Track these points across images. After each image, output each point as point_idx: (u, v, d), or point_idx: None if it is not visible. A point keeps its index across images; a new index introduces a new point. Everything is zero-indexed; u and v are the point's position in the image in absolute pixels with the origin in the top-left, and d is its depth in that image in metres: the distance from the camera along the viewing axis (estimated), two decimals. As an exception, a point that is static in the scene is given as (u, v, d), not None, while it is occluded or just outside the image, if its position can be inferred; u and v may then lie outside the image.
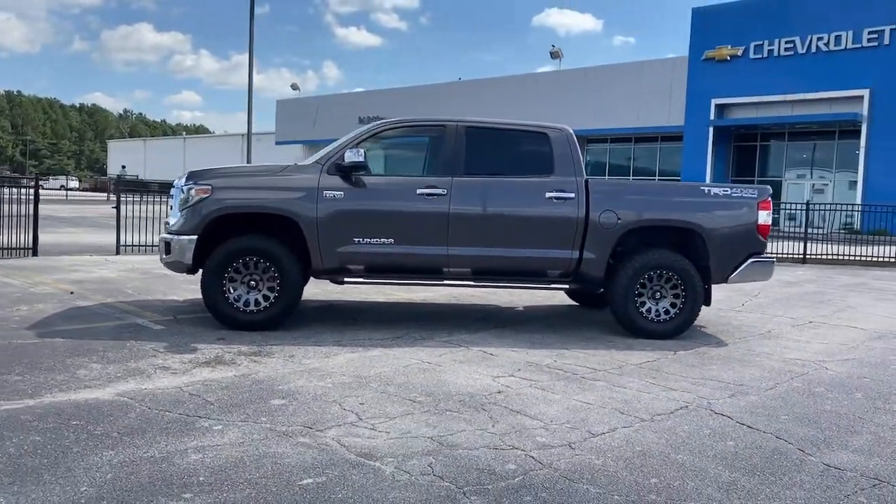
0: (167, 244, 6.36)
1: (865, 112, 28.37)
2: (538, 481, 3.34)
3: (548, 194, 6.61)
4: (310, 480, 3.25)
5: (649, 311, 6.74)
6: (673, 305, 6.75)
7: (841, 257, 16.44)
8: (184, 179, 6.47)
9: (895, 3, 27.60)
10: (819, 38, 29.41)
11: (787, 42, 30.27)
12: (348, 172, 6.38)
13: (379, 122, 6.81)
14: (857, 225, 20.48)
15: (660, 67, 35.91)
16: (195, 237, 6.27)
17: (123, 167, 76.68)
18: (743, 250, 6.84)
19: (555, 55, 41.56)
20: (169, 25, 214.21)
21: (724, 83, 31.92)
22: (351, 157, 6.25)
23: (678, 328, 6.76)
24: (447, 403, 4.48)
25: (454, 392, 4.74)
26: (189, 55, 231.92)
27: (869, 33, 28.19)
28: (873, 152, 28.50)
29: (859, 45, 28.46)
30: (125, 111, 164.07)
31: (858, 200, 26.82)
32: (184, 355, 5.39)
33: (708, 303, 6.90)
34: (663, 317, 6.75)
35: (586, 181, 6.70)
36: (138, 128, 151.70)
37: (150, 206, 12.92)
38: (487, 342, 6.27)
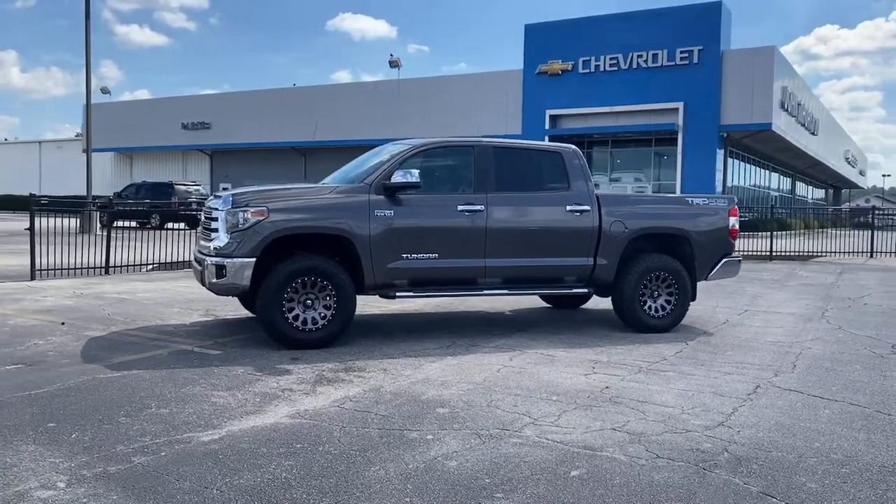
0: (220, 267, 6.28)
1: (680, 122, 32.04)
2: (741, 454, 4.01)
3: (568, 207, 7.32)
4: (576, 473, 3.70)
5: (650, 308, 7.67)
6: (668, 302, 7.73)
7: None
8: (226, 202, 6.42)
9: (702, 28, 31.43)
10: (639, 56, 32.74)
11: (611, 59, 33.36)
12: (395, 192, 6.68)
13: (417, 142, 7.15)
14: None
15: (496, 79, 37.96)
16: (253, 259, 6.27)
17: None
18: (719, 251, 7.98)
19: (394, 64, 42.43)
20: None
21: (556, 95, 34.50)
22: (400, 177, 6.56)
23: (673, 322, 7.76)
24: (581, 400, 5.03)
25: (570, 390, 5.29)
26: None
27: (681, 52, 31.86)
28: (688, 157, 32.27)
29: (674, 63, 32.08)
30: None
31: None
32: (285, 377, 5.46)
33: (694, 298, 7.96)
34: (661, 313, 7.71)
35: (597, 195, 7.50)
36: None
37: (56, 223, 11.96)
38: (532, 345, 6.84)
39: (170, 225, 24.77)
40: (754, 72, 31.08)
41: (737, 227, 8.11)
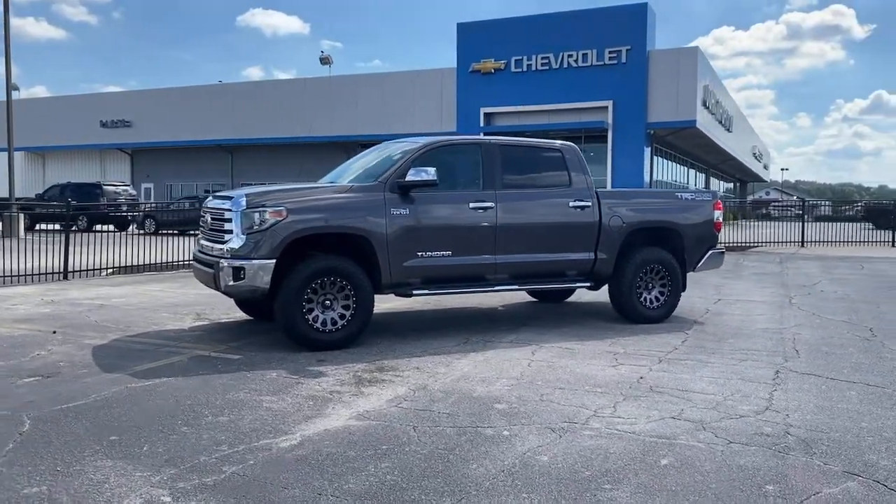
0: (238, 269, 6.12)
1: (610, 120, 32.91)
2: (803, 437, 4.22)
3: (571, 204, 7.47)
4: (666, 461, 3.82)
5: (645, 300, 7.91)
6: (661, 294, 7.99)
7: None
8: (239, 203, 6.26)
9: (629, 28, 32.37)
10: (569, 56, 33.42)
11: (542, 58, 33.92)
12: (408, 190, 6.66)
13: (428, 140, 7.13)
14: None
15: (430, 77, 37.98)
16: (273, 261, 6.14)
17: None
18: (706, 244, 8.30)
19: (325, 61, 41.88)
20: None
21: (490, 93, 34.82)
22: (416, 175, 6.55)
23: (667, 313, 8.03)
24: (625, 391, 5.16)
25: (609, 382, 5.42)
26: None
27: (610, 52, 32.72)
28: (617, 154, 33.18)
29: (603, 63, 32.89)
30: None
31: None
32: (323, 379, 5.39)
33: (684, 289, 8.25)
34: (655, 304, 7.96)
35: (597, 191, 7.68)
36: None
37: None
38: (544, 339, 6.94)
39: (98, 227, 23.83)
40: (679, 71, 32.23)
41: (720, 220, 8.46)
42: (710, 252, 8.35)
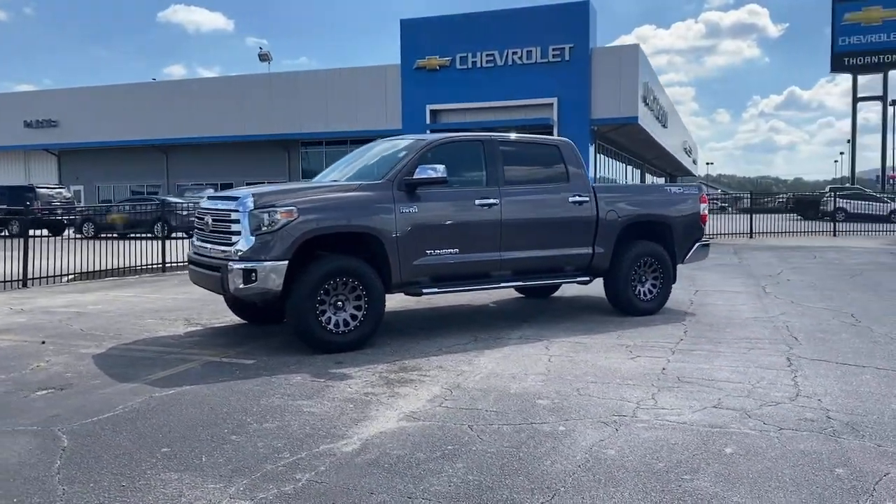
0: (248, 272, 5.93)
1: (555, 117, 33.35)
2: (845, 420, 4.36)
3: (570, 199, 7.53)
4: (730, 450, 3.88)
5: (639, 292, 8.04)
6: (654, 286, 8.14)
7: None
8: (244, 203, 6.08)
9: (572, 26, 32.87)
10: (514, 53, 33.74)
11: (487, 55, 34.14)
12: (415, 188, 6.59)
13: (432, 138, 7.07)
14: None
15: (374, 74, 37.76)
16: (285, 262, 5.98)
17: None
18: (693, 236, 8.49)
19: (264, 58, 41.06)
20: None
21: (436, 90, 34.82)
22: (425, 173, 6.48)
23: (660, 304, 8.18)
24: (655, 382, 5.23)
25: (635, 374, 5.48)
26: None
27: (553, 50, 33.16)
28: (562, 151, 33.66)
29: (547, 60, 33.33)
30: None
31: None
32: (351, 381, 5.28)
33: (674, 281, 8.41)
34: (649, 297, 8.11)
35: (593, 186, 7.76)
36: None
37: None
38: (552, 335, 6.96)
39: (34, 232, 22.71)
40: (621, 68, 32.92)
41: (706, 213, 8.67)
42: (696, 244, 8.54)
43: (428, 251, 6.65)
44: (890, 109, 55.56)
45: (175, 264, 13.11)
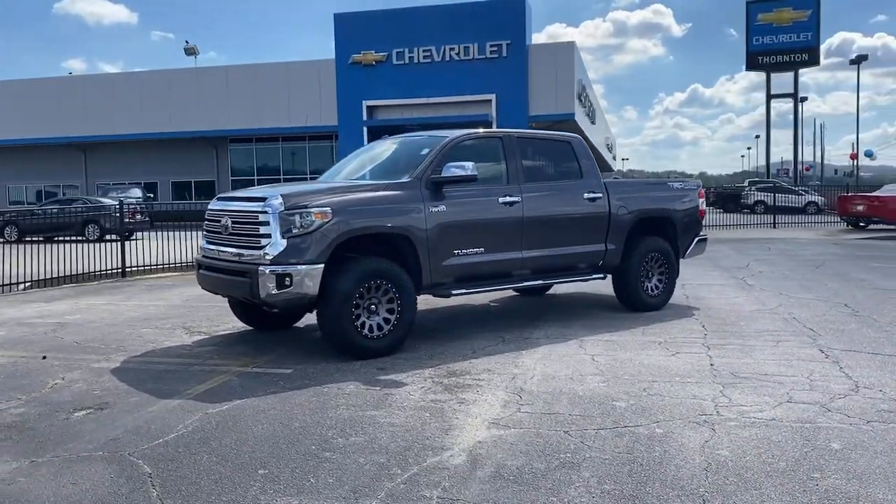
0: (283, 277, 5.61)
1: (494, 114, 33.44)
2: (918, 409, 4.48)
3: (585, 195, 7.48)
4: (836, 445, 3.89)
5: (647, 288, 8.09)
6: (660, 282, 8.20)
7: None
8: (274, 204, 5.75)
9: (508, 23, 33.02)
10: (451, 49, 33.60)
11: (424, 51, 33.88)
12: (442, 186, 6.40)
13: (455, 134, 6.87)
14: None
15: (308, 69, 36.97)
16: (321, 266, 5.69)
17: None
18: (693, 231, 8.60)
19: (190, 52, 39.55)
20: None
21: (372, 86, 34.29)
22: (454, 171, 6.30)
23: (665, 300, 8.25)
24: (714, 379, 5.22)
25: (689, 371, 5.46)
26: None
27: (491, 46, 33.23)
28: (501, 147, 33.83)
29: (484, 57, 33.35)
30: None
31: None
32: (407, 388, 5.07)
33: (677, 275, 8.49)
34: (655, 292, 8.16)
35: (604, 182, 7.75)
36: None
37: None
38: (577, 333, 6.88)
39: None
40: (557, 65, 33.30)
41: (704, 207, 8.79)
42: (696, 239, 8.65)
43: (455, 251, 6.48)
44: (793, 106, 58.32)
45: (136, 268, 12.42)
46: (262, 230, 5.80)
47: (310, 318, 7.53)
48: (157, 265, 12.72)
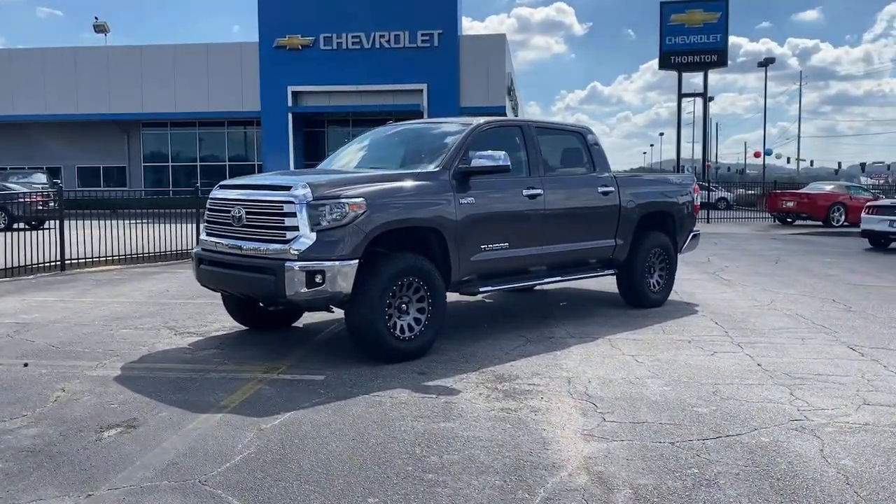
0: (313, 273, 5.08)
1: (425, 104, 33.01)
2: None
3: (599, 188, 7.24)
4: (948, 449, 3.78)
5: (650, 284, 7.95)
6: (661, 278, 8.08)
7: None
8: (302, 193, 5.20)
9: (440, 12, 32.62)
10: (382, 36, 32.91)
11: (353, 37, 33.03)
12: (469, 177, 6.01)
13: (479, 121, 6.46)
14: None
15: (228, 51, 35.39)
16: (356, 261, 5.20)
17: None
18: (690, 227, 8.52)
19: (100, 29, 37.05)
20: None
21: (298, 71, 33.17)
22: (484, 160, 5.91)
23: (667, 296, 8.15)
24: (772, 380, 5.07)
25: (741, 372, 5.29)
26: None
27: (422, 35, 32.75)
28: (431, 138, 33.46)
29: (416, 45, 32.83)
30: None
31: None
32: (464, 395, 4.69)
33: (675, 271, 8.39)
34: (657, 288, 8.03)
35: (614, 176, 7.54)
36: None
37: None
38: (597, 332, 6.62)
39: None
40: (489, 57, 33.17)
41: (698, 203, 8.73)
42: (691, 235, 8.58)
43: (483, 246, 6.10)
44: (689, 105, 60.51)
45: (76, 261, 11.36)
46: (288, 222, 5.24)
47: (306, 317, 7.02)
48: (96, 257, 11.69)
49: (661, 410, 4.39)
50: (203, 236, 6.03)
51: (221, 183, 6.16)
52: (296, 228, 5.20)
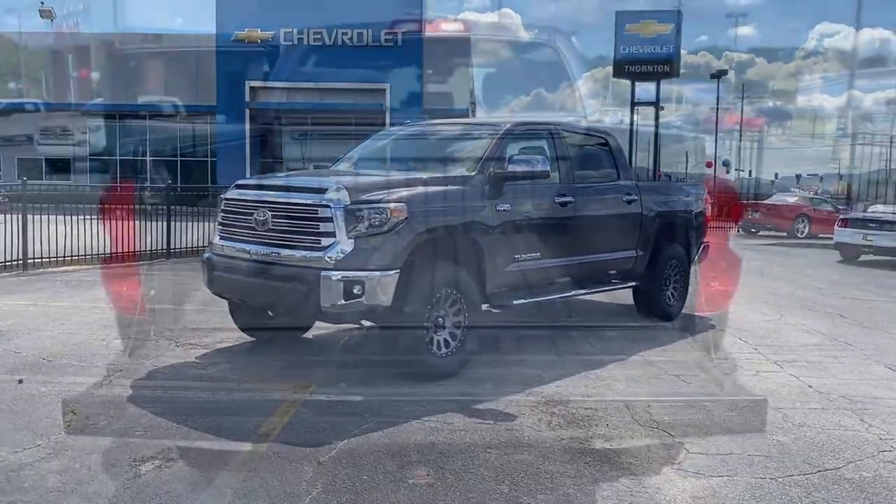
0: (352, 284, 4.64)
1: (388, 103, 32.45)
2: None
3: (624, 197, 6.96)
4: None
5: (667, 297, 7.70)
6: (676, 290, 7.83)
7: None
8: (337, 196, 4.77)
9: (405, 11, 32.14)
10: (344, 34, 32.23)
11: (315, 33, 32.27)
12: (503, 182, 5.63)
13: (510, 123, 6.10)
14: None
15: (182, 42, 34.24)
16: (397, 271, 4.78)
17: None
18: (701, 237, 8.31)
19: (45, 14, 35.29)
20: None
21: (257, 66, 32.28)
22: (523, 165, 5.55)
23: (680, 309, 7.90)
24: (836, 404, 4.85)
25: (797, 396, 5.05)
26: None
27: (386, 34, 32.20)
28: (392, 138, 32.94)
29: (379, 44, 32.25)
30: None
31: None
32: (521, 419, 4.33)
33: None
34: (673, 301, 7.79)
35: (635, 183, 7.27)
36: None
37: None
38: (629, 349, 6.29)
39: None
40: (454, 59, 32.86)
41: (708, 213, 8.54)
42: (702, 245, 8.38)
43: (517, 256, 5.74)
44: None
45: (39, 261, 10.53)
46: (323, 227, 4.78)
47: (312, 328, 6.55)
48: (60, 256, 10.88)
49: (741, 439, 4.10)
50: (216, 240, 5.50)
51: (238, 182, 5.64)
52: (332, 234, 4.75)
